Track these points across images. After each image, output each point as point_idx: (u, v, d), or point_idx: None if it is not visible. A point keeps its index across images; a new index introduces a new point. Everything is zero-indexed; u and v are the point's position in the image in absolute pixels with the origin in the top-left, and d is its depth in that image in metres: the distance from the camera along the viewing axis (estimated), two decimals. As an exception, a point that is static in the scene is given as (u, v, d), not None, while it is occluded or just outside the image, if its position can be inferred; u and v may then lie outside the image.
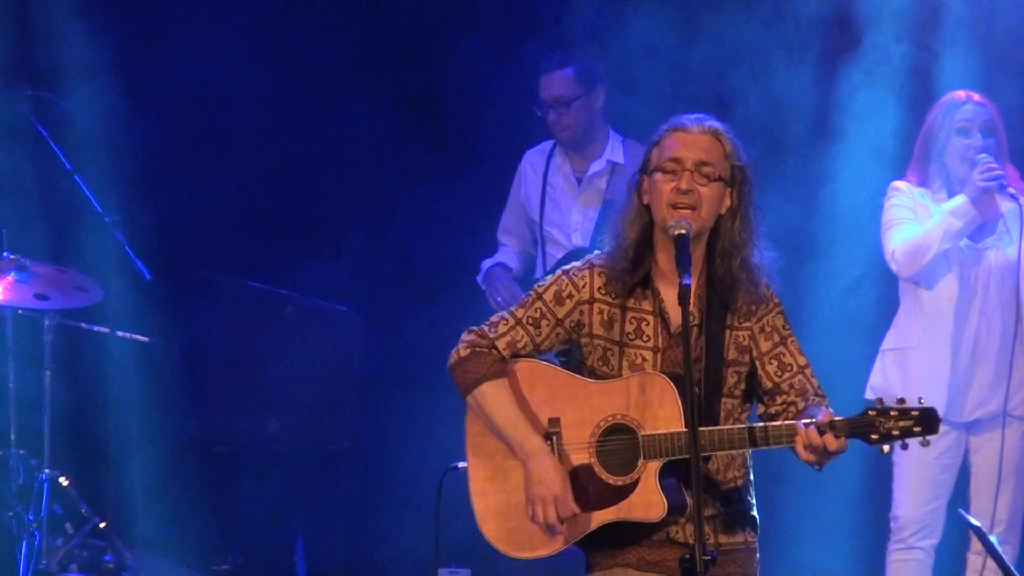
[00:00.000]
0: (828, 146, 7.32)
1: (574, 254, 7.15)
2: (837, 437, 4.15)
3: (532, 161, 7.53)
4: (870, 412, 4.16)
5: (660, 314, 4.38)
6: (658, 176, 4.34)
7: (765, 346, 4.38)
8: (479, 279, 7.62)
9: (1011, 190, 6.08)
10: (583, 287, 4.41)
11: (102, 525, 7.05)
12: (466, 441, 4.48)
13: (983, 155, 6.10)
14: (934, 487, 6.23)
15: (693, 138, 4.36)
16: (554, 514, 4.28)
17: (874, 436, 4.15)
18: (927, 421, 4.14)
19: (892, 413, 4.15)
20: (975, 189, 6.05)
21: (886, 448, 4.17)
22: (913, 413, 4.14)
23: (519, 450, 4.34)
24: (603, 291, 4.40)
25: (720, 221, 4.37)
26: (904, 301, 6.32)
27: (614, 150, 7.35)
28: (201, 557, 7.66)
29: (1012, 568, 4.94)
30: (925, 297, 6.19)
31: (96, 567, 6.94)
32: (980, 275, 6.16)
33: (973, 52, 7.01)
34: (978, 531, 5.23)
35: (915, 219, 6.14)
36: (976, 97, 6.27)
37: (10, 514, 6.94)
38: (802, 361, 4.41)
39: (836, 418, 4.17)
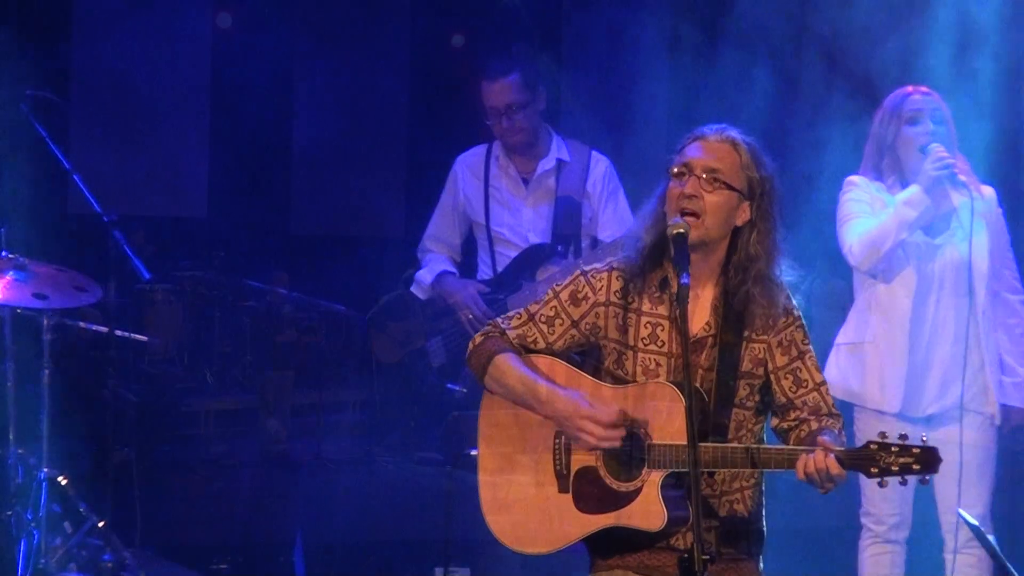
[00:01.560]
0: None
1: (531, 251, 7.16)
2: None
3: (469, 164, 7.47)
4: (871, 445, 4.15)
5: (675, 320, 4.36)
6: (671, 182, 4.35)
7: (781, 360, 4.38)
8: (414, 290, 7.46)
9: (962, 178, 6.05)
10: (600, 289, 4.41)
11: (101, 524, 7.02)
12: (479, 431, 4.46)
13: (935, 144, 6.07)
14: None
15: (709, 145, 4.36)
16: (598, 428, 4.24)
17: (873, 470, 4.15)
18: (927, 460, 4.14)
19: (893, 448, 4.14)
20: (928, 179, 6.01)
21: (886, 482, 4.17)
22: (914, 451, 4.14)
23: (534, 401, 4.32)
24: (619, 294, 4.39)
25: (738, 233, 4.37)
26: (859, 295, 6.27)
27: (559, 148, 7.35)
28: (201, 557, 7.64)
29: (1012, 568, 4.91)
30: (882, 291, 6.15)
31: (95, 566, 6.91)
32: (936, 270, 6.12)
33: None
34: (976, 531, 5.20)
35: (871, 212, 6.10)
36: (923, 89, 6.25)
37: (8, 513, 6.91)
38: (818, 378, 4.40)
39: (837, 448, 4.16)
